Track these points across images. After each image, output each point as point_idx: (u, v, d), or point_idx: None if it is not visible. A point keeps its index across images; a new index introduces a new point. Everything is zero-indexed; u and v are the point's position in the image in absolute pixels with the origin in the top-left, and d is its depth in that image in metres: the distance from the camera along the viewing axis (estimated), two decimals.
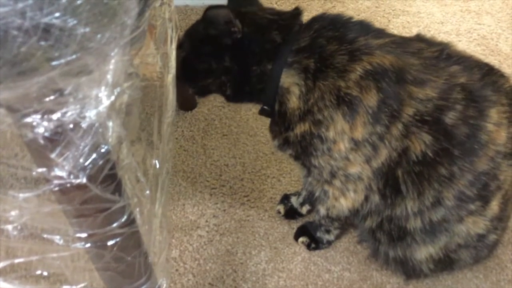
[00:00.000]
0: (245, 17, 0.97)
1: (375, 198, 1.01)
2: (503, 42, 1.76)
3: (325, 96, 0.93)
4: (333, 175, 1.00)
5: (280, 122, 1.01)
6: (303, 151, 1.00)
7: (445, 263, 1.07)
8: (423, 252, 1.05)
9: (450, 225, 0.99)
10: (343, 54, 0.92)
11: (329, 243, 1.25)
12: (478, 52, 1.73)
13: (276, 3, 1.90)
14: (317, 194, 1.07)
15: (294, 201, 1.32)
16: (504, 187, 0.99)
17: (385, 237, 1.06)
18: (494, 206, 0.99)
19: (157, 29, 0.89)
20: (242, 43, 0.96)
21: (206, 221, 1.32)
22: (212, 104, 1.60)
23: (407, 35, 1.80)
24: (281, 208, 1.32)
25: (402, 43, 0.97)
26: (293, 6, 1.02)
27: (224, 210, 1.35)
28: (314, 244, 1.25)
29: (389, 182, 0.97)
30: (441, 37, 1.78)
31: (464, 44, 1.76)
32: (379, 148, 0.94)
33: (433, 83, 0.92)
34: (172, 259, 1.25)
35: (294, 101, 0.96)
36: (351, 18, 0.99)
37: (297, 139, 0.99)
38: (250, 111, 1.57)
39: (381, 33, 0.98)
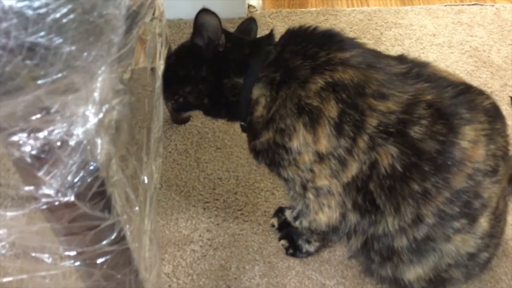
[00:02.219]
0: (229, 34, 1.05)
1: (353, 217, 1.01)
2: (495, 53, 1.77)
3: (286, 104, 0.96)
4: (304, 187, 1.02)
5: (249, 132, 1.06)
6: (271, 162, 1.03)
7: (437, 282, 1.06)
8: (412, 273, 1.04)
9: (437, 244, 0.98)
10: (307, 68, 0.96)
11: (308, 253, 1.26)
12: (470, 63, 1.73)
13: (269, 16, 1.91)
14: (299, 207, 1.09)
15: (288, 214, 1.31)
16: (491, 205, 0.98)
17: (378, 257, 1.05)
18: (484, 223, 0.98)
19: (147, 43, 0.89)
20: (221, 57, 1.02)
21: (200, 236, 1.31)
22: (206, 118, 1.60)
23: (400, 47, 1.83)
24: (275, 221, 1.32)
25: (369, 57, 0.97)
26: (286, 20, 1.05)
27: (218, 224, 1.34)
28: (292, 250, 1.26)
29: (367, 197, 0.97)
30: (433, 49, 1.79)
31: (456, 56, 1.77)
32: (348, 161, 0.94)
33: (396, 97, 0.92)
34: (165, 275, 1.24)
35: (259, 110, 1.01)
36: (315, 29, 1.02)
37: (263, 146, 1.02)
38: None
39: (347, 44, 0.99)
